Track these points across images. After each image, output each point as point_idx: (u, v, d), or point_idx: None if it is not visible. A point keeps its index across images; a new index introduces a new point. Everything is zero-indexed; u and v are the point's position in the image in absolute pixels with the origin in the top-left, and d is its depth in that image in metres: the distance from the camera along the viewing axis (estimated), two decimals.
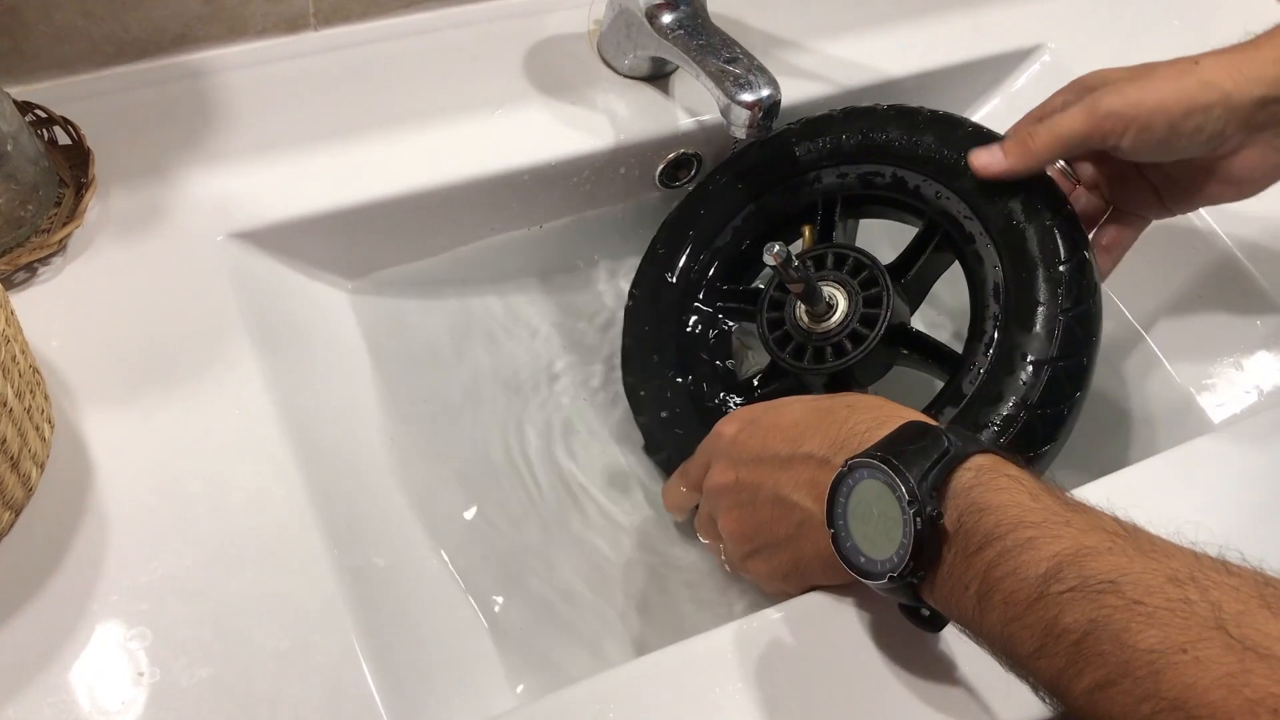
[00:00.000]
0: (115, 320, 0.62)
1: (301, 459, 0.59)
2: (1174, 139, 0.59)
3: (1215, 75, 0.58)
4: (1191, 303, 0.77)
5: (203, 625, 0.53)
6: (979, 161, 0.64)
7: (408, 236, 0.72)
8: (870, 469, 0.48)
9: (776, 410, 0.58)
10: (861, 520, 0.48)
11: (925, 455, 0.47)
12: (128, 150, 0.68)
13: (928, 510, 0.46)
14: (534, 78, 0.77)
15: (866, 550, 0.48)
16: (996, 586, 0.44)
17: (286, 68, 0.74)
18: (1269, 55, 0.59)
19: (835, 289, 0.67)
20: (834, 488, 0.50)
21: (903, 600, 0.50)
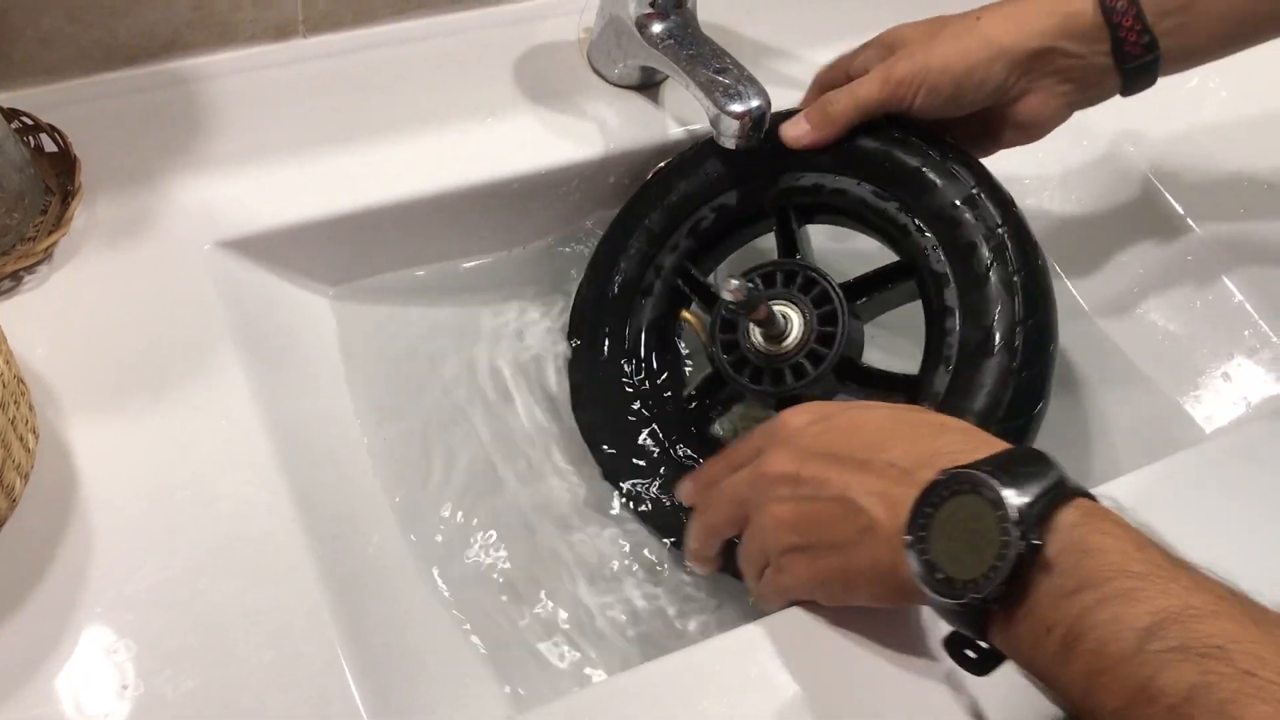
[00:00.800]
0: (101, 329, 0.61)
1: (287, 468, 0.58)
2: (960, 95, 0.64)
3: (993, 31, 0.63)
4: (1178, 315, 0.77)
5: (188, 636, 0.52)
6: (789, 135, 0.68)
7: (396, 245, 0.72)
8: (973, 483, 0.45)
9: (856, 411, 0.54)
10: (946, 536, 0.46)
11: (1036, 481, 0.45)
12: (115, 158, 0.68)
13: (1030, 537, 0.44)
14: (524, 86, 0.77)
15: (946, 567, 0.46)
16: (1087, 634, 0.42)
17: (275, 75, 0.74)
18: (1045, 7, 0.63)
19: (788, 308, 0.66)
20: (923, 496, 0.47)
21: (966, 629, 0.47)
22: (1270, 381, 0.73)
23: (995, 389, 0.61)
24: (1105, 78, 0.65)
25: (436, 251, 0.75)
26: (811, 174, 0.69)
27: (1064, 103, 0.66)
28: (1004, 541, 0.44)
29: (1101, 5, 0.63)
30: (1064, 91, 0.65)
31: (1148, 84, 0.65)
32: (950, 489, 0.46)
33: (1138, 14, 0.62)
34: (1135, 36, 0.63)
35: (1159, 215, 0.80)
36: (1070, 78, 0.65)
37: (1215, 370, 0.75)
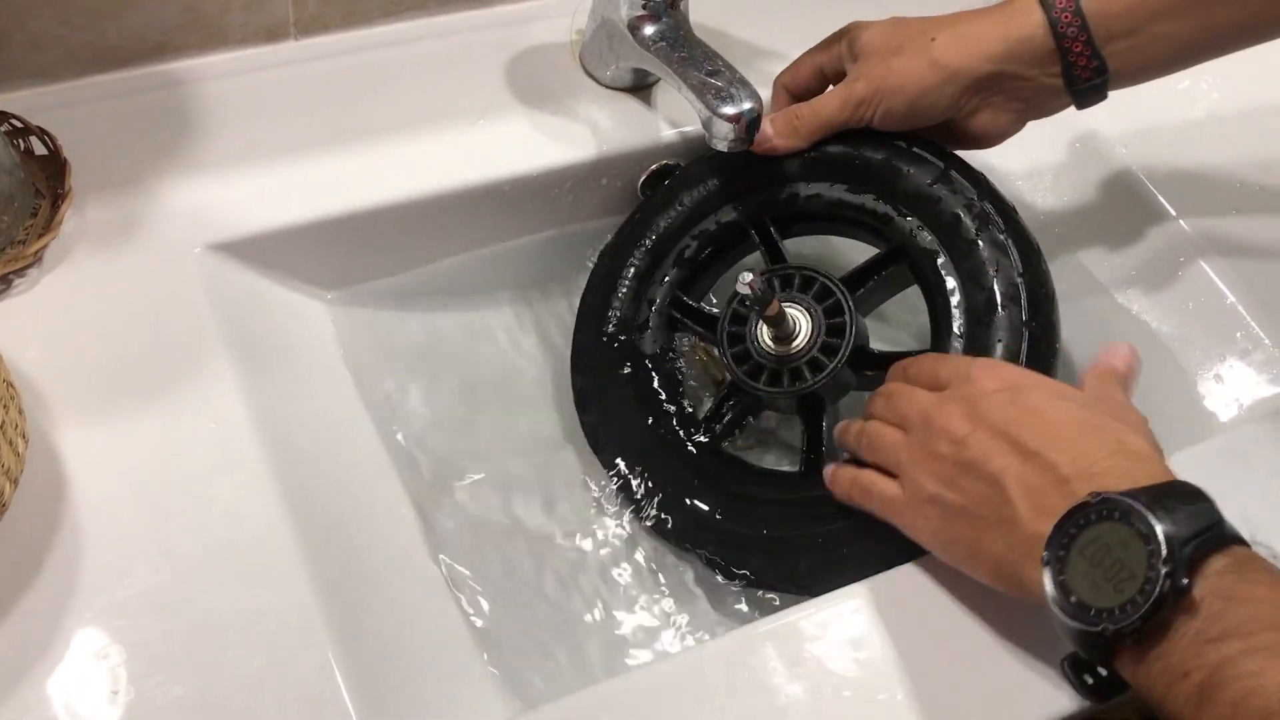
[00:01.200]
0: (92, 333, 0.61)
1: (279, 472, 0.58)
2: (913, 114, 0.67)
3: (947, 55, 0.65)
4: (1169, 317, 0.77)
5: (178, 641, 0.52)
6: (754, 141, 0.69)
7: (388, 248, 0.72)
8: (1125, 512, 0.45)
9: (1045, 395, 0.54)
10: (1086, 560, 0.45)
11: (1193, 522, 0.44)
12: (105, 161, 0.67)
13: (1178, 577, 0.43)
14: (516, 88, 0.77)
15: (1080, 592, 0.46)
16: (1230, 684, 0.41)
17: (266, 77, 0.74)
18: (997, 32, 0.65)
19: (797, 311, 0.67)
20: (1070, 515, 0.47)
21: (1091, 655, 0.47)
22: (1263, 383, 0.73)
23: (1010, 343, 0.62)
24: (1055, 97, 0.66)
25: (429, 254, 0.75)
26: (785, 185, 0.71)
27: (1014, 118, 0.68)
28: (1149, 578, 0.43)
29: (1053, 32, 0.64)
30: (1015, 108, 0.67)
31: (1097, 101, 0.67)
32: (1100, 513, 0.46)
33: (1088, 40, 0.63)
34: (1085, 61, 0.64)
35: (1151, 216, 0.80)
36: (1021, 97, 0.67)
37: (1208, 372, 0.75)
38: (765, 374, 0.67)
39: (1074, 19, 0.63)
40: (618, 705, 0.52)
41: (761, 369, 0.67)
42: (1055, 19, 0.63)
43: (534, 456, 0.71)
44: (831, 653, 0.55)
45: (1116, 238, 0.80)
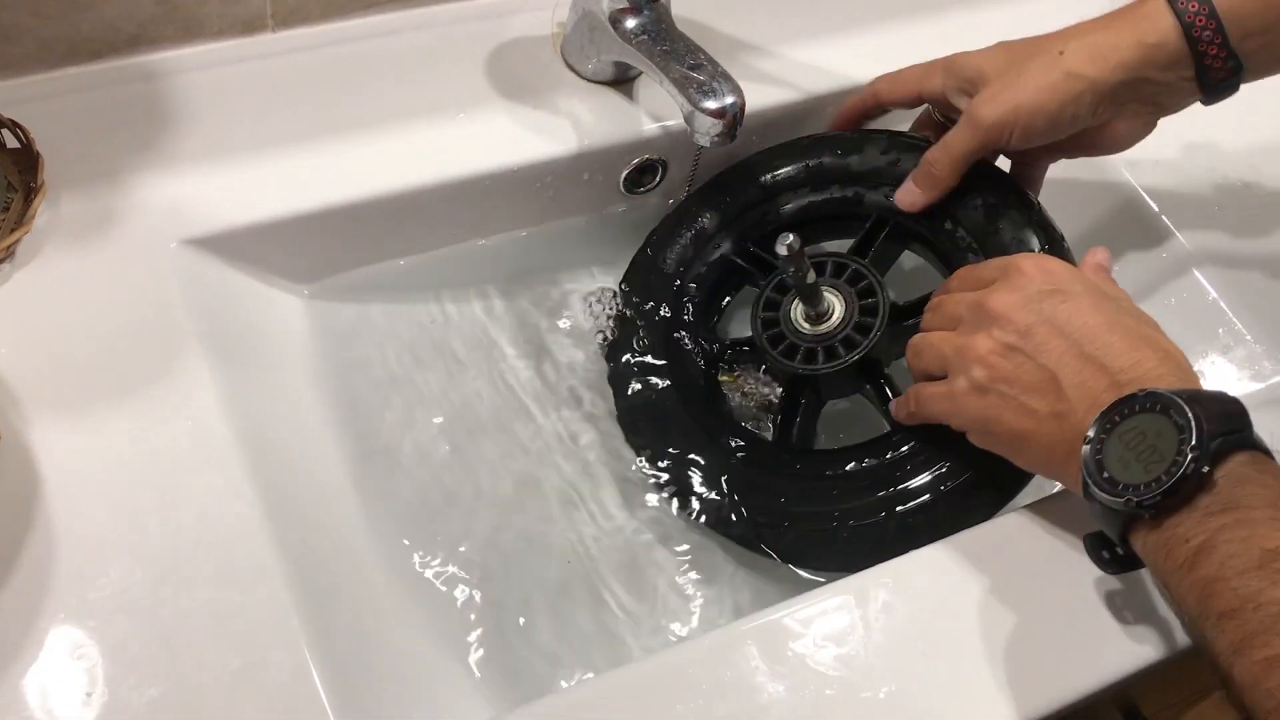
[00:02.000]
0: (65, 329, 0.60)
1: (256, 471, 0.58)
2: (1053, 130, 0.65)
3: (1079, 65, 0.64)
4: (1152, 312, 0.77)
5: (153, 643, 0.52)
6: (904, 201, 0.70)
7: (367, 243, 0.71)
8: (1167, 405, 0.49)
9: (1095, 298, 0.56)
10: (1123, 444, 0.50)
11: (1225, 422, 0.48)
12: (79, 154, 0.67)
13: (1202, 463, 0.47)
14: (496, 81, 0.76)
15: (1112, 469, 0.50)
16: (1219, 546, 0.46)
17: (243, 70, 0.73)
18: (1129, 38, 0.63)
19: (834, 295, 0.68)
20: (1116, 405, 0.51)
21: (1111, 529, 0.51)
22: (1244, 379, 0.73)
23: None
24: (1187, 96, 0.66)
25: (409, 248, 0.74)
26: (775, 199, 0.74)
27: (1147, 122, 0.67)
28: (1176, 460, 0.48)
29: (1186, 35, 0.62)
30: (1148, 112, 0.67)
31: (1229, 96, 0.66)
32: (1145, 404, 0.50)
33: (1223, 41, 0.62)
34: (1220, 62, 0.63)
35: (1134, 213, 0.80)
36: (1155, 100, 0.66)
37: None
38: (784, 344, 0.68)
39: (1209, 21, 0.62)
40: (598, 705, 0.52)
41: (783, 339, 0.68)
42: (1189, 23, 0.62)
43: (515, 453, 0.71)
44: (814, 651, 0.55)
45: (1098, 233, 0.80)
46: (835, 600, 0.57)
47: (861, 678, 0.54)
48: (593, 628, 0.65)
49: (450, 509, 0.67)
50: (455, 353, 0.74)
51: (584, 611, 0.65)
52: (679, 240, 0.75)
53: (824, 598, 0.57)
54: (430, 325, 0.74)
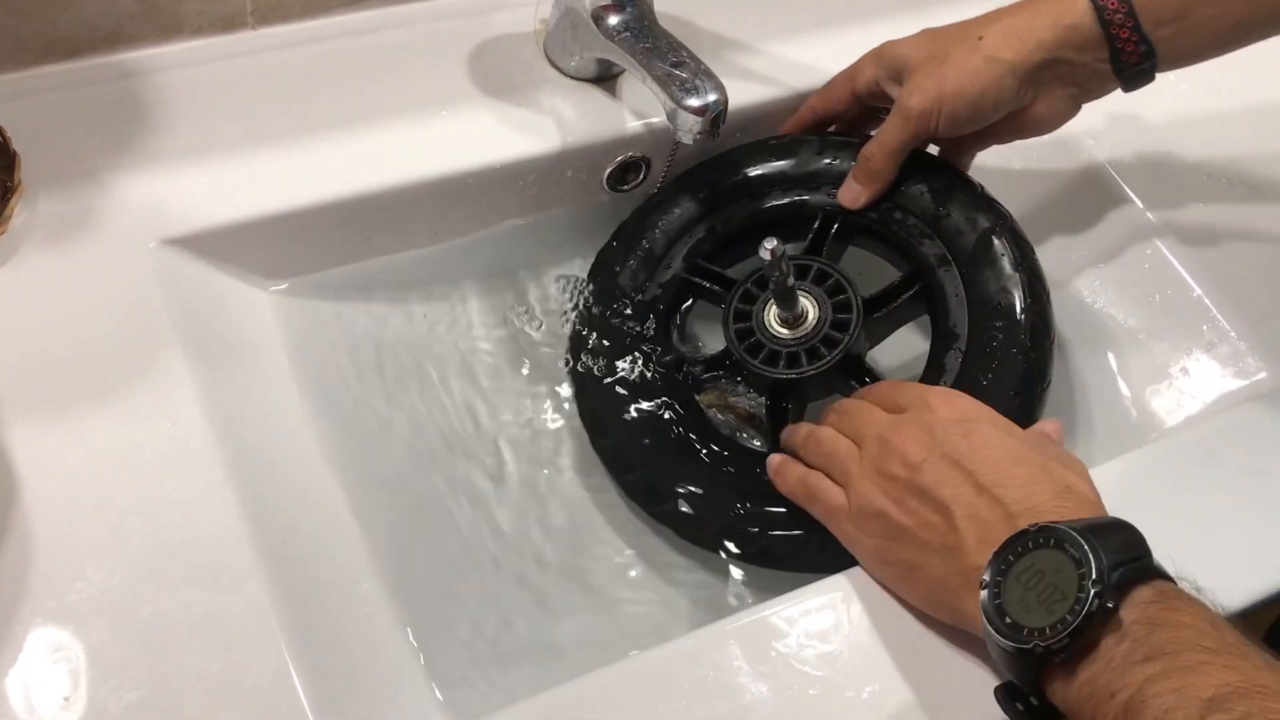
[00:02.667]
0: (42, 330, 0.60)
1: (236, 473, 0.57)
2: (977, 115, 0.67)
3: (997, 49, 0.65)
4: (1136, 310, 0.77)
5: (131, 646, 0.51)
6: (846, 199, 0.70)
7: (348, 241, 0.71)
8: (1060, 540, 0.48)
9: (998, 431, 0.56)
10: (1021, 585, 0.48)
11: (1124, 552, 0.47)
12: (56, 153, 0.66)
13: (1106, 599, 0.45)
14: (478, 79, 0.76)
15: (1014, 614, 0.48)
16: (1151, 701, 0.43)
17: (223, 68, 0.73)
18: (1046, 19, 0.65)
19: (809, 301, 0.68)
20: (1009, 542, 0.49)
21: (1020, 677, 0.49)
22: (1228, 376, 0.73)
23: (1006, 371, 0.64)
24: (1106, 80, 0.67)
25: (390, 247, 0.74)
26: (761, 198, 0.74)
27: (1070, 103, 0.68)
28: (1079, 598, 0.46)
29: (1100, 18, 0.64)
30: (1070, 93, 0.68)
31: (1145, 83, 0.67)
32: (1037, 541, 0.48)
33: (1135, 25, 0.64)
34: (1133, 46, 0.64)
35: (1118, 209, 0.80)
36: (1074, 81, 0.67)
37: (1174, 365, 0.75)
38: (764, 353, 0.68)
39: (1120, 5, 0.63)
40: (578, 707, 0.52)
41: (761, 348, 0.68)
42: (1101, 5, 0.64)
43: (494, 453, 0.71)
44: (798, 651, 0.54)
45: (1084, 230, 0.80)
46: (819, 600, 0.57)
47: (845, 677, 0.54)
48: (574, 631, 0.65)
49: (430, 509, 0.67)
50: (435, 352, 0.74)
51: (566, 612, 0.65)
52: (628, 264, 0.74)
53: (807, 597, 0.57)
54: (411, 324, 0.74)
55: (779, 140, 0.75)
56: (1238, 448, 0.65)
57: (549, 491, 0.70)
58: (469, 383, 0.73)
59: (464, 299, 0.76)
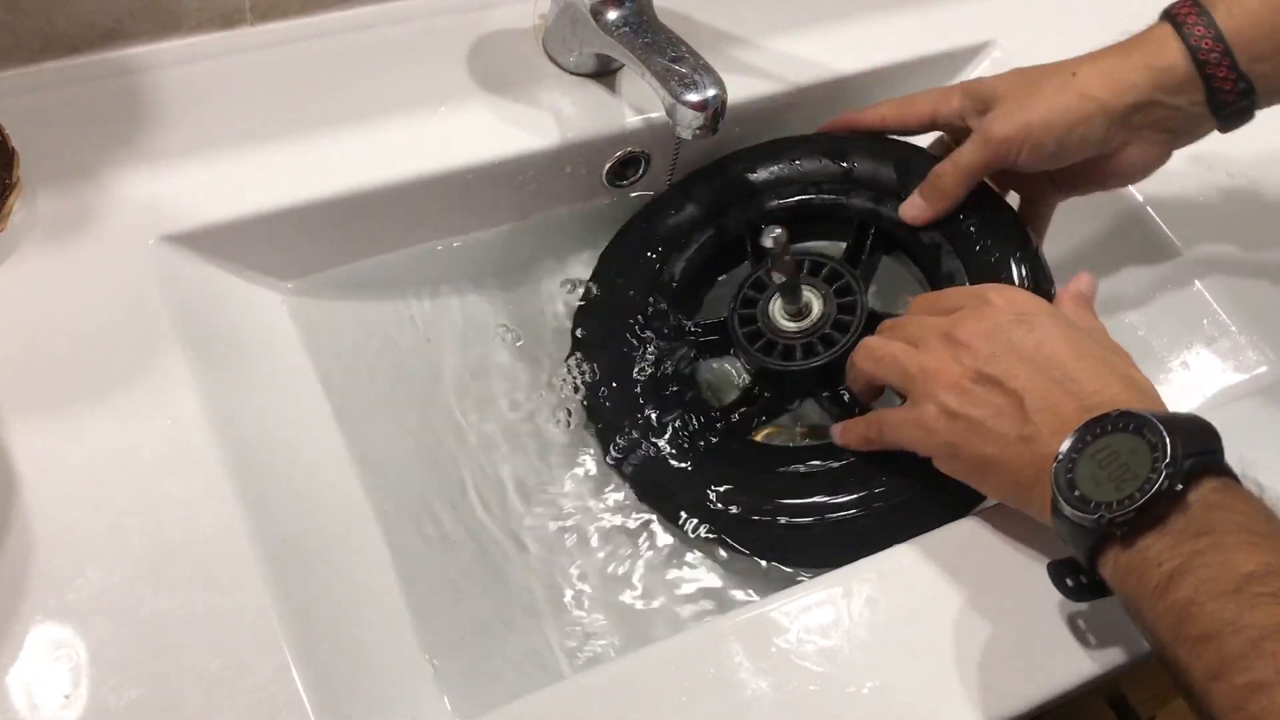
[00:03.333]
0: (41, 328, 0.60)
1: (236, 471, 0.57)
2: (1062, 151, 0.65)
3: (1091, 87, 0.64)
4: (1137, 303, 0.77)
5: (131, 645, 0.51)
6: (909, 215, 0.70)
7: (348, 238, 0.71)
8: (1139, 425, 0.49)
9: (1059, 325, 0.57)
10: (1095, 463, 0.50)
11: (1198, 443, 0.49)
12: (55, 150, 0.66)
13: (1176, 481, 0.47)
14: (477, 75, 0.75)
15: (1084, 488, 0.49)
16: (1194, 570, 0.46)
17: (222, 64, 0.72)
18: (1139, 62, 0.64)
19: (813, 294, 0.68)
20: (1089, 424, 0.51)
21: (1081, 550, 0.51)
22: (1228, 370, 0.73)
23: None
24: (1201, 122, 0.65)
25: (389, 244, 0.73)
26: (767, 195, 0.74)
27: (1162, 150, 0.67)
28: (1150, 478, 0.47)
29: (1194, 59, 0.62)
30: (1161, 139, 0.66)
31: (1245, 122, 0.65)
32: (1116, 424, 0.50)
33: (1231, 64, 0.62)
34: (1230, 85, 0.63)
35: (1118, 203, 0.80)
36: (1168, 127, 0.65)
37: (1174, 359, 0.75)
38: (762, 342, 0.68)
39: (1215, 45, 0.62)
40: (578, 704, 0.52)
41: (760, 336, 0.68)
42: (1195, 46, 0.62)
43: (499, 451, 0.71)
44: (798, 646, 0.54)
45: (1083, 224, 0.80)
46: (818, 595, 0.57)
47: (845, 673, 0.54)
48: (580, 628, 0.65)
49: (433, 506, 0.67)
50: (437, 349, 0.74)
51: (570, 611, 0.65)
52: (658, 230, 0.75)
53: (807, 593, 0.57)
54: (412, 321, 0.74)
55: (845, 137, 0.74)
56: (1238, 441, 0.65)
57: (558, 486, 0.70)
58: (475, 380, 0.73)
59: (465, 295, 0.76)
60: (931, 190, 0.68)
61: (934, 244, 0.69)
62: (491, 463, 0.70)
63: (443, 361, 0.73)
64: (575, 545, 0.68)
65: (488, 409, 0.72)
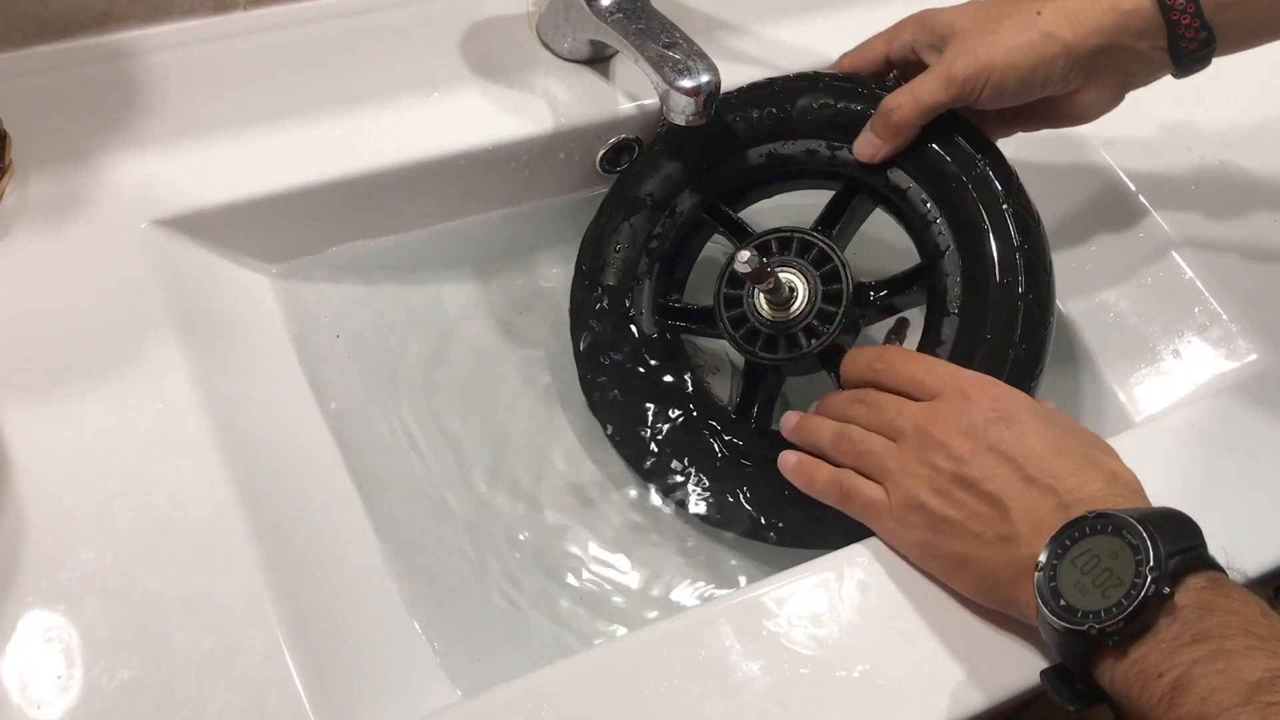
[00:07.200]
0: (33, 311, 0.60)
1: (227, 454, 0.57)
2: (1023, 91, 0.64)
3: (1056, 26, 0.62)
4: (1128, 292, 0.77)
5: (123, 626, 0.51)
6: (863, 153, 0.67)
7: (340, 223, 0.71)
8: (1119, 526, 0.48)
9: (1038, 421, 0.56)
10: (1077, 569, 0.49)
11: (1180, 540, 0.48)
12: (47, 134, 0.66)
13: (1163, 585, 0.46)
14: (471, 60, 0.75)
15: (1069, 597, 0.48)
16: (1198, 682, 0.44)
17: (215, 49, 0.72)
18: (1104, 4, 0.63)
19: (796, 277, 0.67)
20: (1067, 528, 0.50)
21: (1071, 659, 0.49)
22: (1219, 358, 0.73)
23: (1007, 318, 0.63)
24: (1159, 68, 0.65)
25: (382, 229, 0.73)
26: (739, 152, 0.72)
27: (1116, 93, 0.66)
28: (1135, 583, 0.46)
29: (1159, 4, 0.62)
30: (1117, 82, 0.66)
31: (1201, 69, 0.65)
32: (1095, 527, 0.49)
33: (1196, 10, 0.62)
34: (1193, 33, 0.62)
35: (1111, 192, 0.80)
36: (1125, 70, 0.65)
37: (1166, 347, 0.75)
38: (761, 339, 0.67)
39: None
40: (569, 687, 0.52)
41: (758, 334, 0.67)
42: None
43: (486, 435, 0.71)
44: (788, 630, 0.55)
45: (1074, 212, 0.80)
46: (810, 579, 0.57)
47: (836, 656, 0.54)
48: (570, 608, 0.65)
49: (425, 490, 0.67)
50: (429, 335, 0.74)
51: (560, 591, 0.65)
52: (629, 220, 0.74)
53: (798, 577, 0.57)
54: (403, 306, 0.74)
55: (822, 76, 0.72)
56: (1229, 429, 0.65)
57: (549, 467, 0.70)
58: (464, 364, 0.73)
59: (458, 281, 0.76)
60: (885, 125, 0.66)
61: (917, 197, 0.67)
62: (481, 445, 0.70)
63: (432, 346, 0.73)
64: (568, 525, 0.68)
65: (477, 394, 0.72)
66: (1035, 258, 0.64)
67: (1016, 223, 0.64)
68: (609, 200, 0.74)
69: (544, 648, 0.63)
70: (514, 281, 0.77)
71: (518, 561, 0.66)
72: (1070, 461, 0.54)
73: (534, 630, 0.63)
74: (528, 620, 0.64)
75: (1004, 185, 0.65)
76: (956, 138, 0.66)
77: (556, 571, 0.66)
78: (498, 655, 0.62)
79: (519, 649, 0.62)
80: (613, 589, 0.66)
